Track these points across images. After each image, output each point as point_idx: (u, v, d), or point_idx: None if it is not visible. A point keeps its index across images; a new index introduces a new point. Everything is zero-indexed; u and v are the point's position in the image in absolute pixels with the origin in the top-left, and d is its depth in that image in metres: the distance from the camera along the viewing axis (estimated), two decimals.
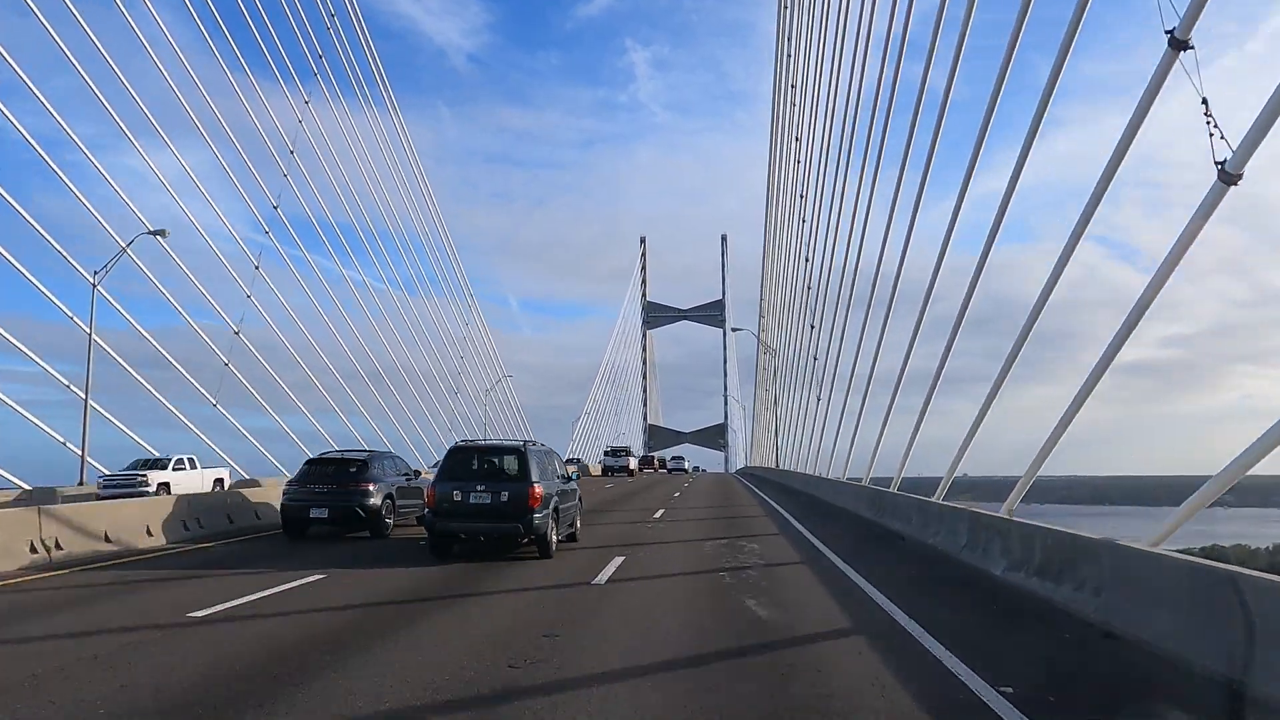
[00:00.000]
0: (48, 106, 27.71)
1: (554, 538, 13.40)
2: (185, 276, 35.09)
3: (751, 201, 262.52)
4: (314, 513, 15.70)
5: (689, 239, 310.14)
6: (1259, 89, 11.11)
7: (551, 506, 13.38)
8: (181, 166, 35.73)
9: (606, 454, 67.56)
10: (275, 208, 40.82)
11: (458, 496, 13.05)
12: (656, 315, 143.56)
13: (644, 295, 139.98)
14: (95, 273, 28.88)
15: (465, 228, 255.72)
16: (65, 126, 28.61)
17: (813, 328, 35.51)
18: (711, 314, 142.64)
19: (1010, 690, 5.79)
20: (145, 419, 35.19)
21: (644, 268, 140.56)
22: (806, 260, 36.99)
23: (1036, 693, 5.82)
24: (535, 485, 12.95)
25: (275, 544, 15.26)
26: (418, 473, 19.79)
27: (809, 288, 37.51)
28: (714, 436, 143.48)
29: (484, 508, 13.00)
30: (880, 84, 25.33)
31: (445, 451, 15.10)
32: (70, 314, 29.50)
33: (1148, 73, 10.30)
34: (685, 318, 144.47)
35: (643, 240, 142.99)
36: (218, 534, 16.36)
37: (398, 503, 16.87)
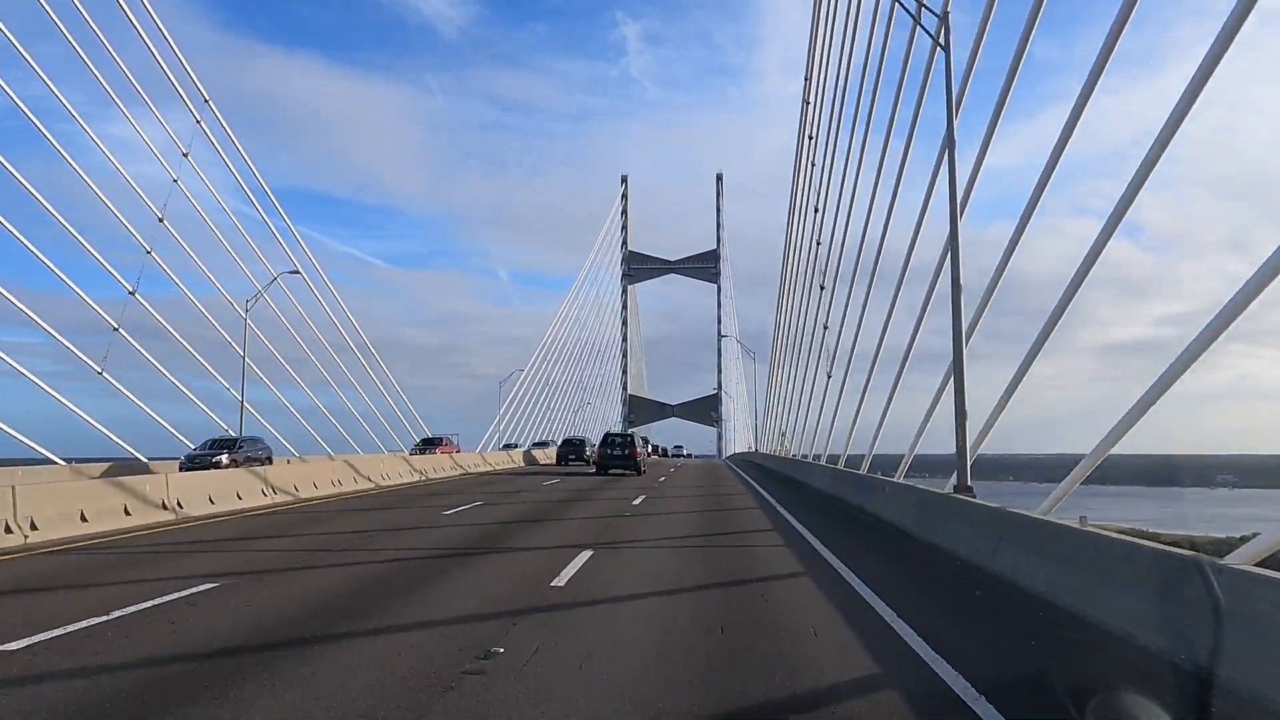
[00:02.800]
0: None
1: (643, 469, 37.25)
2: None
3: (748, 175, 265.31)
4: (570, 457, 43.01)
5: (683, 215, 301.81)
6: None
7: (642, 457, 37.25)
8: None
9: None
10: None
11: (607, 452, 36.99)
12: (639, 268, 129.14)
13: (624, 244, 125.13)
14: None
15: (458, 198, 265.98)
16: None
17: (822, 287, 35.62)
18: (704, 266, 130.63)
19: None
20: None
21: (624, 211, 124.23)
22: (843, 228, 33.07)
23: None
24: (637, 448, 36.99)
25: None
26: (594, 444, 45.69)
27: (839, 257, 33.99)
28: (704, 411, 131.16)
29: (617, 456, 36.84)
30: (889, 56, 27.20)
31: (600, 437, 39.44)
32: None
33: (1152, 51, 14.03)
34: (673, 270, 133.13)
35: (624, 179, 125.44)
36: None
37: (593, 454, 42.62)
